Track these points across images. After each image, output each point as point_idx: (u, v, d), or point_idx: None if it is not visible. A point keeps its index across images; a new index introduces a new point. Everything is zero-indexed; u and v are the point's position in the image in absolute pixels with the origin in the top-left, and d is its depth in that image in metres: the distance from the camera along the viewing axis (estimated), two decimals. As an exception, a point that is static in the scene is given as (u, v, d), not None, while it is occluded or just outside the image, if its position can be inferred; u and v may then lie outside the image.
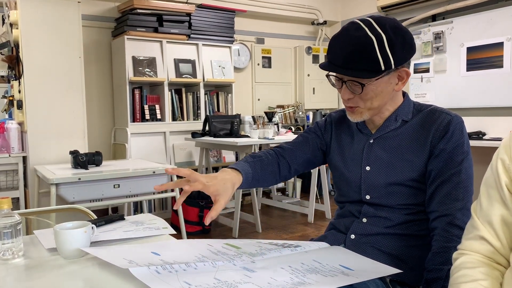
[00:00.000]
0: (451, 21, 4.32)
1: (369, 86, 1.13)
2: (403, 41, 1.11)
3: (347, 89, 1.16)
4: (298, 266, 1.00)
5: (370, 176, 1.22)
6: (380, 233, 1.19)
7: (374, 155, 1.22)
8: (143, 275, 0.86)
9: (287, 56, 5.66)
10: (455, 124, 1.14)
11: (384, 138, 1.22)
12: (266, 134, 3.86)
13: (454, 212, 1.08)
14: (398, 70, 1.14)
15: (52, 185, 2.53)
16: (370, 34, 1.09)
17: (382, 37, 1.09)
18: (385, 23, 1.11)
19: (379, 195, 1.20)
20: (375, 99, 1.16)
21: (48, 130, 3.26)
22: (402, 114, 1.21)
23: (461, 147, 1.13)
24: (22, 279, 0.94)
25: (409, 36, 1.14)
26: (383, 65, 1.09)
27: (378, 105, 1.18)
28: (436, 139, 1.14)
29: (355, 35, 1.10)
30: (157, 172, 2.87)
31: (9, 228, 1.02)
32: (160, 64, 4.33)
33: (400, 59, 1.11)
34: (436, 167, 1.13)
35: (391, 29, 1.10)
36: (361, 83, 1.12)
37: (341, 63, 1.12)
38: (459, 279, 0.85)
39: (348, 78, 1.14)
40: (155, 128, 4.33)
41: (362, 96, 1.15)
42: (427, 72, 4.54)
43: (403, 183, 1.17)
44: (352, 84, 1.14)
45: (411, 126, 1.20)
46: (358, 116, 1.20)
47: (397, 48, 1.10)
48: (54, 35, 3.25)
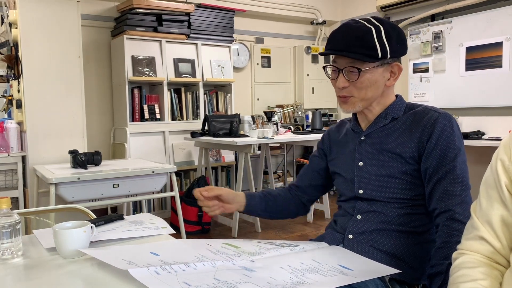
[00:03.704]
0: (450, 21, 4.33)
1: (365, 74, 1.18)
2: (398, 36, 1.19)
3: (343, 77, 1.20)
4: (297, 266, 1.00)
5: (363, 170, 1.26)
6: (376, 229, 1.20)
7: (365, 151, 1.26)
8: (142, 276, 0.86)
9: (286, 56, 5.66)
10: (443, 121, 1.16)
11: (373, 134, 1.27)
12: (266, 134, 3.86)
13: (453, 207, 1.09)
14: (391, 64, 1.21)
15: (51, 184, 2.53)
16: (368, 25, 1.18)
17: (380, 27, 1.17)
18: (382, 19, 1.21)
19: (371, 188, 1.23)
20: (369, 89, 1.20)
21: (47, 129, 3.26)
22: (392, 112, 1.25)
23: (452, 143, 1.15)
24: (22, 279, 0.94)
25: (404, 34, 1.22)
26: (380, 52, 1.16)
27: (371, 96, 1.22)
28: (425, 136, 1.16)
29: (354, 26, 1.19)
30: (156, 171, 2.87)
31: (8, 228, 1.02)
32: (160, 63, 4.33)
33: (395, 51, 1.19)
34: (430, 166, 1.15)
35: (388, 24, 1.20)
36: (358, 68, 1.17)
37: (341, 47, 1.18)
38: (459, 278, 0.85)
39: (345, 65, 1.19)
40: (155, 128, 4.33)
41: (357, 85, 1.19)
42: (426, 72, 4.54)
43: (393, 176, 1.19)
44: (348, 72, 1.19)
45: (399, 123, 1.24)
46: (351, 106, 1.24)
47: (393, 39, 1.18)
48: (53, 35, 3.25)
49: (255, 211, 1.40)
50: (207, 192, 1.29)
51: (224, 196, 1.31)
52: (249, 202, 1.37)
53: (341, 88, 1.21)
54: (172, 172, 2.98)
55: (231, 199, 1.33)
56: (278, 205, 1.43)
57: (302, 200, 1.46)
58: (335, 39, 1.20)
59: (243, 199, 1.36)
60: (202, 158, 4.32)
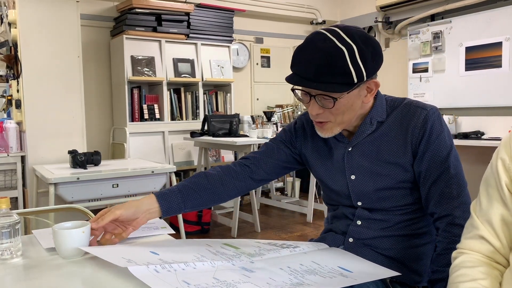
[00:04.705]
0: (450, 20, 4.33)
1: (341, 100, 1.08)
2: (373, 52, 1.06)
3: (316, 103, 1.09)
4: (297, 267, 1.00)
5: (357, 184, 1.19)
6: (377, 236, 1.18)
7: (356, 163, 1.18)
8: (142, 274, 0.86)
9: (286, 56, 5.66)
10: (432, 119, 1.11)
11: (362, 144, 1.18)
12: (265, 134, 3.86)
13: (452, 211, 1.06)
14: (367, 82, 1.10)
15: (51, 184, 2.53)
16: (340, 45, 1.03)
17: (353, 48, 1.03)
18: (353, 33, 1.05)
19: (370, 201, 1.18)
20: (346, 113, 1.11)
21: (47, 129, 3.25)
22: (376, 116, 1.16)
23: (443, 141, 1.11)
24: (21, 279, 0.94)
25: (378, 46, 1.10)
26: (356, 78, 1.03)
27: (349, 118, 1.13)
28: (416, 138, 1.11)
29: (323, 46, 1.03)
30: (155, 171, 2.87)
31: (7, 228, 1.02)
32: (159, 63, 4.33)
33: (371, 70, 1.06)
34: (424, 168, 1.11)
35: (361, 39, 1.05)
36: (333, 97, 1.06)
37: (310, 76, 1.04)
38: (459, 278, 0.85)
39: (317, 92, 1.07)
40: (154, 128, 4.33)
41: (333, 111, 1.09)
42: (426, 71, 4.54)
43: (393, 187, 1.15)
44: (322, 99, 1.08)
45: (387, 127, 1.16)
46: (328, 132, 1.15)
47: (368, 58, 1.04)
48: (53, 35, 3.24)
49: (178, 208, 1.19)
50: (96, 223, 1.08)
51: (121, 217, 1.10)
52: (163, 204, 1.16)
53: (315, 115, 1.12)
54: (171, 172, 2.98)
55: (131, 215, 1.11)
56: (204, 192, 1.23)
57: (253, 177, 1.29)
58: (302, 64, 1.06)
59: (152, 204, 1.15)
60: (202, 158, 4.32)
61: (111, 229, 1.12)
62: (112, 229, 1.12)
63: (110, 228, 1.12)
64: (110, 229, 1.12)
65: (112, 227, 1.12)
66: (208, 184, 1.24)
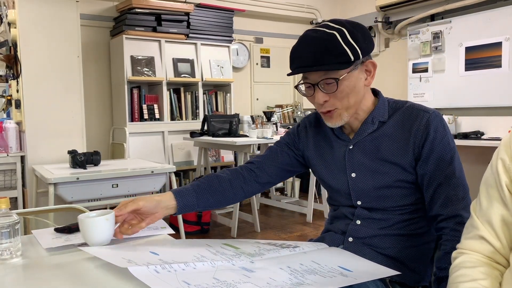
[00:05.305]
0: (449, 20, 4.33)
1: (343, 81, 1.11)
2: (363, 33, 1.12)
3: (320, 91, 1.13)
4: (297, 267, 1.00)
5: (357, 182, 1.20)
6: (376, 235, 1.18)
7: (357, 161, 1.20)
8: (142, 275, 0.86)
9: (285, 56, 5.64)
10: (436, 122, 1.13)
11: (363, 142, 1.20)
12: (265, 134, 3.86)
13: (460, 212, 1.08)
14: (365, 63, 1.15)
15: (50, 184, 2.53)
16: (330, 31, 1.10)
17: (343, 30, 1.10)
18: (340, 20, 1.14)
19: (370, 200, 1.19)
20: (351, 95, 1.14)
21: (46, 129, 3.25)
22: (378, 116, 1.19)
23: (447, 144, 1.12)
24: (20, 279, 0.94)
25: (367, 30, 1.16)
26: (352, 55, 1.09)
27: (355, 101, 1.16)
28: (419, 140, 1.13)
29: (316, 36, 1.10)
30: (155, 171, 2.87)
31: (7, 228, 1.02)
32: (159, 63, 4.33)
33: (364, 49, 1.12)
34: (428, 171, 1.12)
35: (349, 24, 1.12)
36: (335, 78, 1.10)
37: (310, 63, 1.10)
38: (459, 278, 0.85)
39: (320, 79, 1.11)
40: (154, 128, 4.33)
41: (338, 95, 1.12)
42: (426, 71, 4.54)
43: (392, 185, 1.16)
44: (325, 84, 1.12)
45: (389, 127, 1.18)
46: (338, 120, 1.17)
47: (359, 38, 1.10)
48: (52, 35, 3.24)
49: (192, 207, 1.23)
50: (119, 210, 1.12)
51: (143, 209, 1.13)
52: (180, 201, 1.20)
53: (322, 103, 1.14)
54: (171, 172, 2.98)
55: (152, 208, 1.15)
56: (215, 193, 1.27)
57: (258, 181, 1.33)
58: (300, 56, 1.12)
59: (170, 201, 1.19)
60: (202, 158, 4.32)
61: (129, 219, 1.15)
62: (130, 219, 1.15)
63: (128, 218, 1.15)
64: (128, 219, 1.15)
65: (131, 218, 1.15)
66: (219, 186, 1.28)
